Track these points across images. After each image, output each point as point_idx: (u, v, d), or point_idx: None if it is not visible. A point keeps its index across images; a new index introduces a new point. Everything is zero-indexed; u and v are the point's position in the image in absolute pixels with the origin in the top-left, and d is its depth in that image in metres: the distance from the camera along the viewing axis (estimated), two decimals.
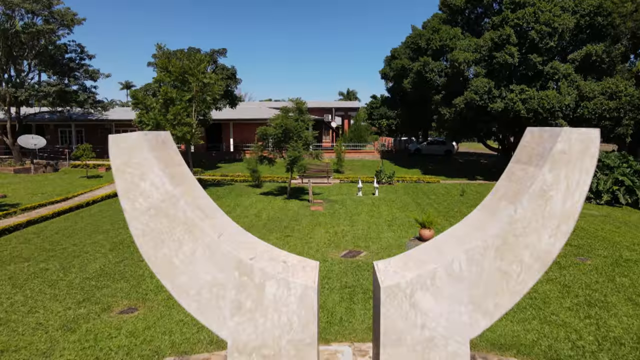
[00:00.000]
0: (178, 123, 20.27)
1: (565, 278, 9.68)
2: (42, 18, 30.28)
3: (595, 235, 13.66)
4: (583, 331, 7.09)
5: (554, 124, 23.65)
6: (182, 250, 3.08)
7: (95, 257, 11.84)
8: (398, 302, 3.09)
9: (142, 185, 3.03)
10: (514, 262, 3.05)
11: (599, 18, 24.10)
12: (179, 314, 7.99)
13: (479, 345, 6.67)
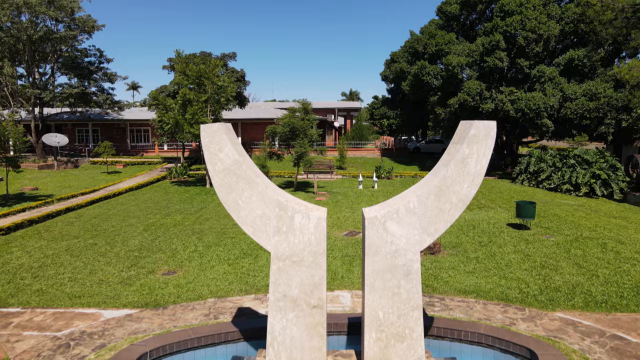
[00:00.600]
0: (195, 122, 22.21)
1: (529, 250, 11.57)
2: (65, 25, 32.31)
3: (565, 220, 15.52)
4: (531, 283, 8.99)
5: (540, 123, 25.49)
6: (243, 195, 5.01)
7: (132, 235, 13.80)
8: (376, 227, 5.00)
9: (220, 155, 4.96)
10: (447, 202, 4.96)
11: (581, 25, 25.93)
12: (211, 275, 9.93)
13: (448, 291, 8.57)
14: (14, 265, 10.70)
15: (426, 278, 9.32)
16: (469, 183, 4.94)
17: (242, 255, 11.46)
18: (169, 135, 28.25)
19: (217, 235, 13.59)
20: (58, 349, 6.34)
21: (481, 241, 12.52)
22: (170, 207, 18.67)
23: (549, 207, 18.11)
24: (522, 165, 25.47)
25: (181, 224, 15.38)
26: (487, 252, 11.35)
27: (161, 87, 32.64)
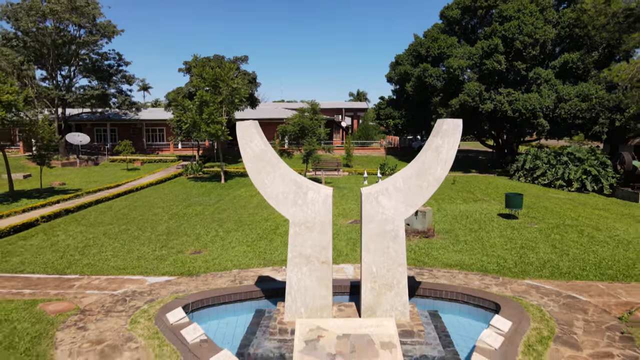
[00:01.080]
0: (211, 122, 23.77)
1: (513, 235, 12.94)
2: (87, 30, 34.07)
3: (552, 211, 16.83)
4: (509, 259, 10.38)
5: (536, 122, 26.74)
6: (269, 176, 6.48)
7: (159, 222, 15.36)
8: (370, 201, 6.45)
9: (251, 144, 6.44)
10: (425, 181, 6.40)
11: (576, 30, 27.13)
12: (233, 253, 11.42)
13: (437, 265, 9.99)
14: (62, 245, 12.29)
15: (419, 255, 10.75)
16: (442, 167, 6.38)
17: (258, 238, 12.95)
18: (185, 134, 29.86)
19: (235, 223, 15.11)
20: (117, 302, 7.87)
21: (472, 228, 13.90)
22: (190, 200, 20.24)
23: (540, 200, 19.41)
24: (518, 163, 26.72)
25: (202, 214, 16.93)
26: (475, 237, 12.74)
27: (177, 88, 34.27)
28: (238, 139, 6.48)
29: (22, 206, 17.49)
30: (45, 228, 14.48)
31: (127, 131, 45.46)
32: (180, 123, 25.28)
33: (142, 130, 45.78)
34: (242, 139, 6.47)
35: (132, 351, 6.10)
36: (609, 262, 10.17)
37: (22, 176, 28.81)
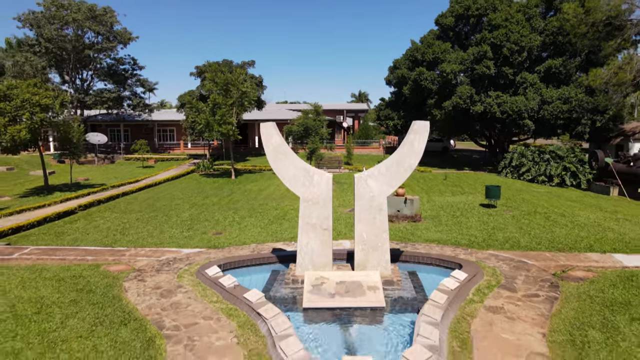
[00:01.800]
0: (223, 122, 25.84)
1: (489, 220, 14.95)
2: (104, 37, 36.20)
3: (528, 201, 18.83)
4: (479, 237, 12.41)
5: (522, 123, 28.71)
6: (284, 163, 8.53)
7: (182, 210, 17.43)
8: (361, 182, 8.49)
9: (271, 140, 8.50)
10: (402, 167, 8.44)
11: (560, 37, 29.08)
12: (249, 233, 13.45)
13: (418, 240, 12.02)
14: (103, 228, 14.37)
15: (405, 234, 12.78)
16: (415, 156, 8.42)
17: (270, 222, 15.00)
18: (197, 134, 31.93)
19: (248, 211, 17.17)
20: (163, 265, 9.92)
21: (454, 215, 15.92)
22: (205, 193, 22.31)
23: (521, 193, 21.40)
24: (506, 160, 28.70)
25: (218, 204, 18.99)
26: (455, 221, 14.76)
27: (189, 91, 36.37)
28: (261, 135, 8.53)
29: (58, 198, 19.58)
30: (84, 215, 16.57)
31: (139, 131, 47.59)
32: (194, 124, 27.37)
33: (153, 131, 47.91)
34: (265, 135, 8.53)
35: (183, 293, 8.15)
36: (561, 239, 12.18)
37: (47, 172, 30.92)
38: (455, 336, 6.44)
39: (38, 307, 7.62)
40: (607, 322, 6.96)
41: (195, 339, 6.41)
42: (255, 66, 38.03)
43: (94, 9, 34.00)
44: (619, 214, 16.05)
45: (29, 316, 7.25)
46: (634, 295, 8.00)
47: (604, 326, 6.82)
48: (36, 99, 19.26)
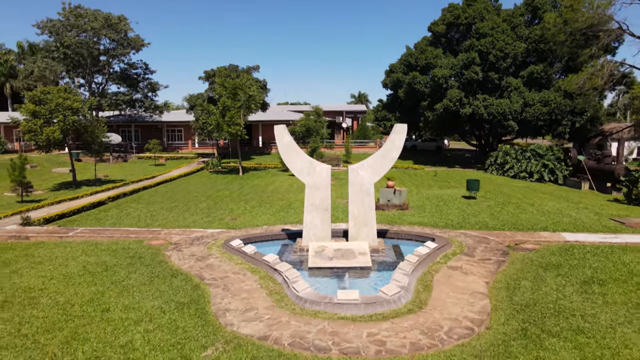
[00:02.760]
0: (232, 124, 28.05)
1: (466, 208, 17.16)
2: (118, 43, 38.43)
3: (505, 194, 21.04)
4: (454, 220, 14.62)
5: (506, 124, 30.92)
6: (293, 157, 10.77)
7: (199, 201, 19.64)
8: (354, 172, 10.73)
9: (283, 139, 10.74)
10: (386, 160, 10.67)
11: (542, 45, 31.28)
12: (260, 219, 15.66)
13: (403, 223, 14.23)
14: (134, 215, 16.58)
15: (393, 219, 14.99)
16: (396, 151, 10.64)
17: (277, 211, 17.21)
18: (206, 134, 34.14)
19: (258, 202, 19.39)
20: (194, 240, 12.14)
21: (437, 204, 18.14)
22: (217, 187, 24.53)
23: (501, 187, 23.61)
24: (492, 159, 30.91)
25: (230, 196, 21.21)
26: (437, 209, 16.98)
27: (198, 94, 38.57)
28: (275, 135, 10.76)
29: (87, 191, 21.80)
30: (114, 205, 18.79)
31: (149, 132, 49.80)
32: (205, 124, 29.58)
33: (162, 131, 50.12)
34: (278, 135, 10.76)
35: (214, 258, 10.37)
36: (523, 223, 14.41)
37: (68, 170, 33.15)
38: (420, 282, 8.66)
39: (104, 267, 9.86)
40: (538, 276, 9.19)
41: (229, 285, 8.63)
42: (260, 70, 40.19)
43: (109, 17, 36.21)
44: (581, 204, 18.27)
45: (99, 272, 9.49)
46: (566, 259, 10.22)
47: (534, 278, 9.04)
48: (68, 103, 21.47)
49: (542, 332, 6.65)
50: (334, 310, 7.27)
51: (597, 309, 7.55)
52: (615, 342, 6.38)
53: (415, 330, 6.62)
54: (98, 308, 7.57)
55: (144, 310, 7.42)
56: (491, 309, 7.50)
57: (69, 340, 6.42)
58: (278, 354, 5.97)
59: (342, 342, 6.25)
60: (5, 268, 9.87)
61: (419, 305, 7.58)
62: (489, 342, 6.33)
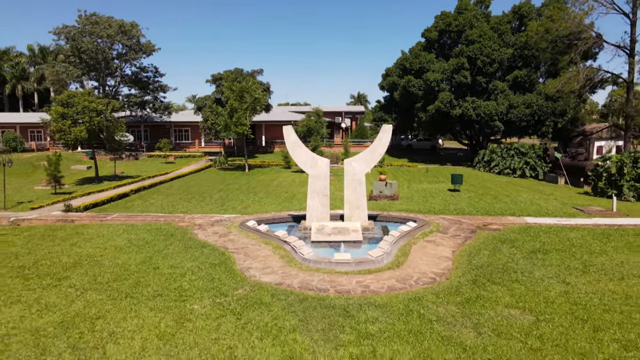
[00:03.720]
0: (239, 124, 30.21)
1: (449, 199, 19.32)
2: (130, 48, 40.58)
3: (487, 187, 23.20)
4: (436, 208, 16.79)
5: (493, 124, 33.07)
6: (299, 152, 12.95)
7: (212, 194, 21.79)
8: (348, 164, 12.91)
9: (290, 137, 12.93)
10: (375, 154, 12.85)
11: (526, 51, 33.43)
12: (268, 207, 17.80)
13: (392, 210, 16.39)
14: (157, 204, 18.74)
15: (383, 207, 17.15)
16: (382, 147, 12.81)
17: (282, 201, 19.38)
18: (214, 134, 36.30)
19: (265, 194, 21.56)
20: (214, 222, 14.30)
21: (424, 196, 20.31)
22: (226, 182, 26.69)
23: (485, 182, 25.77)
24: (480, 156, 33.07)
25: (239, 189, 23.37)
26: (423, 199, 19.15)
27: (205, 96, 40.73)
28: (284, 133, 12.93)
29: (111, 185, 23.97)
30: (138, 197, 20.96)
31: (157, 131, 51.96)
32: (214, 125, 31.75)
33: (170, 131, 52.29)
34: (286, 133, 12.93)
35: (233, 235, 12.53)
36: (495, 209, 16.58)
37: (86, 167, 35.36)
38: (400, 250, 10.83)
39: (145, 241, 12.03)
40: (495, 247, 11.36)
41: (248, 252, 10.80)
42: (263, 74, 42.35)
43: (123, 24, 38.35)
44: (552, 196, 20.45)
45: (142, 245, 11.66)
46: (522, 236, 12.40)
47: (492, 249, 11.21)
48: (93, 106, 23.64)
49: (488, 281, 8.82)
50: (331, 267, 9.45)
51: (535, 268, 9.72)
52: (540, 287, 8.55)
53: (392, 279, 8.79)
54: (150, 267, 9.74)
55: (185, 268, 9.60)
56: (452, 268, 9.68)
57: (134, 285, 8.60)
58: (290, 292, 8.15)
59: (337, 286, 8.42)
60: (64, 242, 12.05)
61: (397, 264, 9.76)
62: (446, 286, 8.51)
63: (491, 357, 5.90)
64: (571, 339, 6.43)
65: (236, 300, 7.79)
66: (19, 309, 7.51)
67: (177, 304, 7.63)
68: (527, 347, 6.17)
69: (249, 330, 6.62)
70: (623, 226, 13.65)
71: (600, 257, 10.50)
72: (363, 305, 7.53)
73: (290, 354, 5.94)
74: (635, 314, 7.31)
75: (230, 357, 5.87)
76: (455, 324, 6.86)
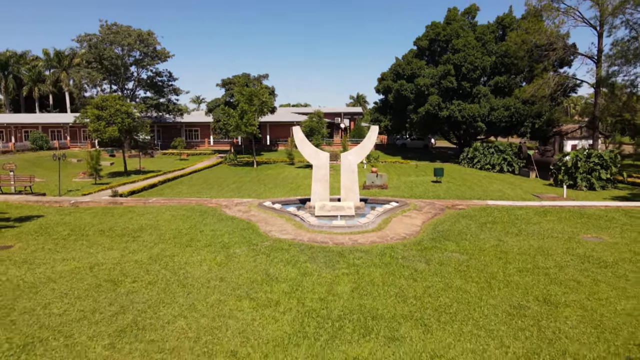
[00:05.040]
0: (249, 124, 33.48)
1: (430, 188, 22.59)
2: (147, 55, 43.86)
3: (465, 180, 26.47)
4: (418, 193, 20.07)
5: (476, 125, 36.33)
6: (305, 147, 16.25)
7: (228, 184, 25.05)
8: (344, 156, 16.21)
9: (298, 134, 16.24)
10: (364, 149, 16.15)
11: (506, 59, 36.70)
12: (278, 194, 21.07)
13: (380, 195, 19.66)
14: (184, 192, 22.00)
15: (374, 194, 20.42)
16: (370, 143, 16.11)
17: (289, 190, 22.64)
18: (225, 133, 39.57)
19: (274, 185, 24.83)
20: (237, 204, 17.57)
21: (410, 186, 23.59)
22: (238, 175, 29.96)
23: (466, 175, 29.04)
24: (464, 154, 36.33)
25: (250, 181, 26.64)
26: (409, 189, 22.42)
27: (215, 99, 44.00)
28: (293, 131, 16.20)
29: (139, 177, 27.22)
30: (165, 187, 24.23)
31: (169, 131, 55.24)
32: (226, 125, 35.05)
33: (180, 130, 55.57)
34: (295, 131, 16.22)
35: (254, 211, 15.80)
36: (466, 195, 19.86)
37: (109, 163, 38.60)
38: (383, 221, 14.10)
39: (185, 216, 15.31)
40: (456, 220, 14.62)
41: (268, 222, 14.07)
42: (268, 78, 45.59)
43: (141, 34, 41.61)
44: (519, 186, 23.73)
45: (184, 218, 14.94)
46: (479, 213, 15.67)
47: (453, 221, 14.48)
48: (124, 109, 26.91)
49: (443, 239, 12.10)
50: (330, 230, 12.74)
51: (481, 233, 12.99)
52: (479, 242, 11.82)
53: (374, 237, 12.08)
54: (196, 230, 13.03)
55: (223, 231, 12.87)
56: (420, 231, 12.96)
57: (190, 240, 11.87)
58: (301, 243, 11.42)
59: (335, 240, 11.70)
60: (123, 217, 15.32)
61: (379, 229, 13.04)
62: (412, 241, 11.79)
63: (432, 274, 9.19)
64: (487, 267, 9.73)
65: (264, 247, 11.09)
66: (116, 252, 10.80)
67: (223, 250, 10.93)
68: (457, 270, 9.46)
69: (275, 262, 9.91)
70: (563, 207, 16.94)
71: (533, 226, 13.78)
72: (352, 251, 10.82)
73: (304, 272, 9.23)
74: (538, 255, 10.60)
75: (266, 273, 9.16)
76: (414, 260, 10.16)
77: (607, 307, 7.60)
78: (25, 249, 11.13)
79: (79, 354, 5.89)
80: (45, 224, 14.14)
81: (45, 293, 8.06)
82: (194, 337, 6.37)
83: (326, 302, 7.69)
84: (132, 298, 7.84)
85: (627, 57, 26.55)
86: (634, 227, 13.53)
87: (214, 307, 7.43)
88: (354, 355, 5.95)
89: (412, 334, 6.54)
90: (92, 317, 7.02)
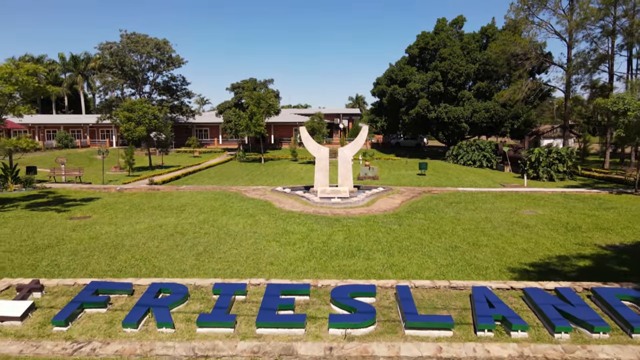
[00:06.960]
0: (257, 125, 37.19)
1: (414, 179, 26.29)
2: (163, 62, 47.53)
3: (447, 173, 30.19)
4: (404, 183, 23.79)
5: (460, 126, 40.04)
6: (309, 143, 19.98)
7: (242, 176, 28.76)
8: (341, 150, 19.95)
9: (303, 133, 19.99)
10: (357, 145, 19.86)
11: (487, 66, 40.41)
12: (285, 183, 24.76)
13: (372, 184, 23.38)
14: (207, 182, 25.68)
15: (366, 183, 24.12)
16: (362, 140, 19.82)
17: (295, 181, 26.34)
18: (234, 133, 43.27)
19: (281, 177, 28.55)
20: (254, 190, 21.27)
21: (397, 177, 27.29)
22: (248, 170, 33.68)
23: (448, 170, 32.74)
24: (450, 151, 40.06)
25: (260, 175, 30.35)
26: (396, 180, 26.12)
27: (225, 102, 47.65)
28: (300, 130, 19.92)
29: (164, 171, 30.90)
30: (187, 178, 27.93)
31: (181, 131, 58.86)
32: (237, 126, 38.77)
33: (191, 130, 59.26)
34: (301, 130, 19.97)
35: (268, 195, 19.49)
36: (443, 184, 23.56)
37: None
38: (370, 200, 17.81)
39: (214, 198, 19.01)
40: (429, 200, 18.33)
41: (281, 201, 17.77)
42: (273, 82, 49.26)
43: (158, 42, 45.28)
44: (490, 178, 27.43)
45: (214, 199, 18.64)
46: (449, 196, 19.38)
47: (427, 201, 18.19)
48: (151, 111, 30.59)
49: (415, 212, 15.81)
50: (330, 205, 16.46)
51: (446, 209, 16.68)
52: (442, 214, 15.52)
53: (363, 210, 15.79)
54: (227, 205, 16.73)
55: (247, 206, 16.57)
56: (398, 207, 16.68)
57: (224, 212, 15.57)
58: (308, 214, 15.13)
59: (333, 212, 15.42)
60: (164, 199, 19.01)
61: (367, 205, 16.76)
62: (391, 213, 15.50)
63: (401, 230, 12.91)
64: (442, 227, 13.45)
65: (281, 215, 14.82)
66: (172, 219, 14.51)
67: (251, 217, 14.65)
68: (419, 229, 13.18)
69: (290, 223, 13.63)
70: (518, 192, 20.65)
71: (488, 205, 17.50)
72: (345, 218, 14.54)
73: (311, 229, 12.94)
74: (482, 222, 14.31)
75: (284, 229, 12.88)
76: (390, 223, 13.88)
77: (513, 247, 11.33)
78: (103, 217, 14.84)
79: (178, 263, 9.61)
80: (106, 203, 17.86)
81: (139, 239, 11.79)
82: (244, 256, 10.10)
83: (327, 244, 11.41)
84: (198, 241, 11.56)
85: (587, 67, 30.19)
86: (564, 205, 17.27)
87: (253, 245, 11.16)
88: (344, 264, 9.68)
89: (381, 257, 10.26)
90: (177, 248, 10.75)
